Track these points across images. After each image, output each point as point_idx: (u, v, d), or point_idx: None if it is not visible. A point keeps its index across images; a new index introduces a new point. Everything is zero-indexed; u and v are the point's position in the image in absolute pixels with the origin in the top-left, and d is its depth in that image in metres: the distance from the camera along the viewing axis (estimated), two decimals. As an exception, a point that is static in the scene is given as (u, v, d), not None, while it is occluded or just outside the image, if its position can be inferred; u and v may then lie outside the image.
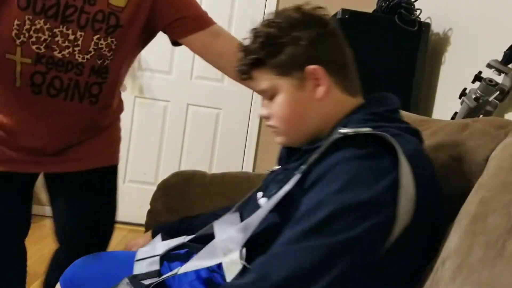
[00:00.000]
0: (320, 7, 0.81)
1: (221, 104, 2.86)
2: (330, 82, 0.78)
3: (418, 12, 2.01)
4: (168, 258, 0.95)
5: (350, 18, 1.93)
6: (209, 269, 0.87)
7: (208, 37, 1.15)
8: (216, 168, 2.86)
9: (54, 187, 1.24)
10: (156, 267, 0.91)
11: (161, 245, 0.98)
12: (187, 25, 1.14)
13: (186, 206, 1.36)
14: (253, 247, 0.74)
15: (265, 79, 0.80)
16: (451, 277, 0.58)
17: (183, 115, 2.87)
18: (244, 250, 0.74)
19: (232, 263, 0.73)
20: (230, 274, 0.72)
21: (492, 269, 0.52)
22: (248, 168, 2.87)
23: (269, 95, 0.81)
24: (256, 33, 0.80)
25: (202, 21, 1.15)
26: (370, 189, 0.63)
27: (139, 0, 1.07)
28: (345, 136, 0.68)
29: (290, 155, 0.87)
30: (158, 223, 1.16)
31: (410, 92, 2.00)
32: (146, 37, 1.17)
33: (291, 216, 0.70)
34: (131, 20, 1.08)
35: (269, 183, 0.86)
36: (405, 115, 1.19)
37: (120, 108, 1.28)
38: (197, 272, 0.87)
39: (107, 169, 1.26)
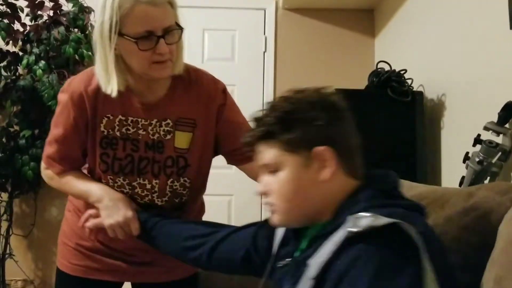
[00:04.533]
0: (336, 93, 0.83)
1: (232, 191, 2.88)
2: (337, 165, 0.78)
3: (409, 81, 2.09)
4: None
5: (344, 97, 2.01)
6: None
7: None
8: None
9: None
10: None
11: None
12: (245, 153, 1.22)
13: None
14: None
15: (271, 153, 0.80)
16: None
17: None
18: None
19: None
20: None
21: None
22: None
23: (270, 170, 0.81)
24: (273, 106, 0.81)
25: None
26: (402, 275, 0.63)
27: (201, 141, 1.16)
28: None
29: (296, 238, 0.85)
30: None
31: (414, 161, 2.00)
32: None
33: None
34: (198, 158, 1.17)
35: (282, 278, 0.83)
36: (413, 186, 1.21)
37: (201, 213, 1.33)
38: None
39: (191, 278, 1.29)
